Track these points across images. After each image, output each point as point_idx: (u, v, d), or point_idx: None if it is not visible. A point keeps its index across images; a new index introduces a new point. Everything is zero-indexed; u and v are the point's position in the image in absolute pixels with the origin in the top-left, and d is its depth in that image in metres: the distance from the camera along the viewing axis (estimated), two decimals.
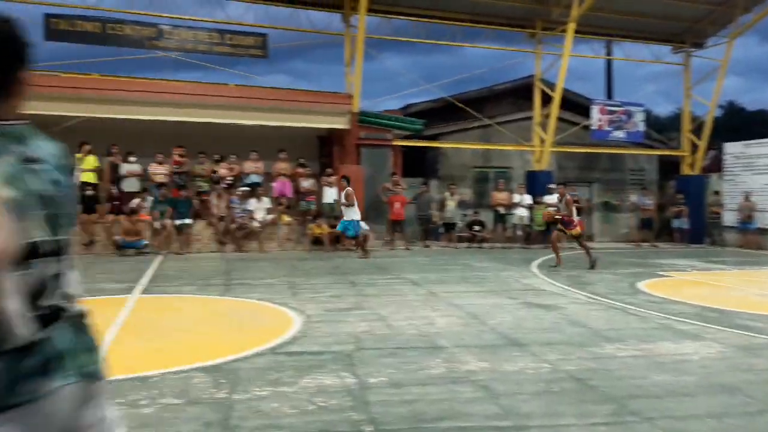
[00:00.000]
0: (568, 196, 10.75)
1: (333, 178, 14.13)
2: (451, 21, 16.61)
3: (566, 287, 8.32)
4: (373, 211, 14.74)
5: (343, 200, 11.94)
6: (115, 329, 5.38)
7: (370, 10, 15.01)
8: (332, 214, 13.85)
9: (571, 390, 3.87)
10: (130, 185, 12.80)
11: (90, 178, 12.18)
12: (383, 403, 3.56)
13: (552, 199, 15.61)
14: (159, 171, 13.20)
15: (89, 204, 11.97)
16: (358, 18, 14.92)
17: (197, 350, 4.79)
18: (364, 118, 15.17)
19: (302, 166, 14.72)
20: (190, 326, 5.76)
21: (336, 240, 13.61)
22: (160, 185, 12.86)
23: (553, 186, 15.59)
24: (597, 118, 17.88)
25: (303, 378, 4.02)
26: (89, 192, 12.05)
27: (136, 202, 12.25)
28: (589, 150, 18.36)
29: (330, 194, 13.96)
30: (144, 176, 13.07)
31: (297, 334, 5.27)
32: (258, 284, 8.25)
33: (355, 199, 11.91)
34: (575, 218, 10.57)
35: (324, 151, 16.91)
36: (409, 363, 4.41)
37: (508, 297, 7.40)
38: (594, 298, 7.43)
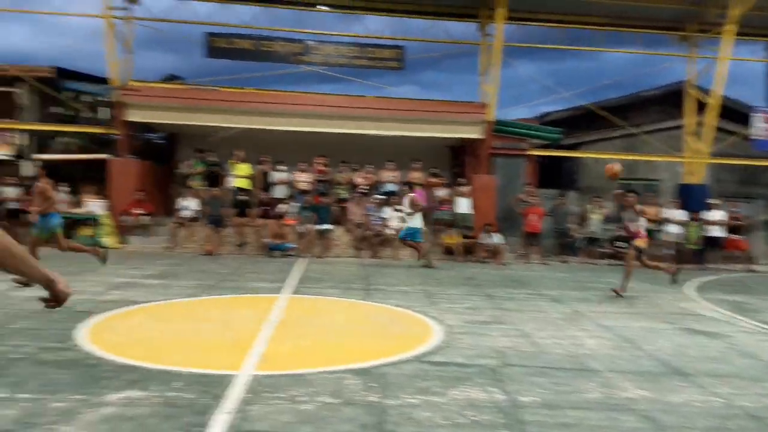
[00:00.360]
0: (634, 203, 8.92)
1: (466, 188, 14.08)
2: (593, 26, 15.86)
3: (731, 314, 7.54)
4: (506, 222, 14.45)
5: (407, 208, 11.82)
6: (270, 326, 5.74)
7: (509, 18, 14.79)
8: (464, 224, 13.81)
9: (751, 429, 3.47)
10: (279, 192, 13.71)
11: (243, 184, 13.21)
12: (539, 423, 3.43)
13: (712, 215, 14.27)
14: (302, 179, 13.99)
15: (242, 208, 12.98)
16: (495, 26, 14.78)
17: (346, 352, 4.97)
18: (499, 128, 14.94)
19: (435, 175, 14.83)
20: (337, 328, 5.99)
21: (468, 250, 13.52)
22: (304, 192, 13.61)
23: (715, 201, 14.29)
24: (761, 126, 16.11)
25: (451, 389, 4.00)
26: (242, 197, 13.06)
27: (282, 207, 13.08)
28: (751, 162, 16.58)
29: (463, 204, 13.92)
30: (290, 183, 13.93)
31: (440, 344, 5.26)
32: (395, 291, 8.40)
33: (418, 207, 11.81)
34: (642, 231, 8.99)
35: (456, 160, 16.92)
36: (561, 384, 4.22)
37: (663, 321, 6.86)
38: (766, 328, 6.65)
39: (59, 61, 16.78)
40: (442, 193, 14.25)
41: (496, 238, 13.40)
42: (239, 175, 13.32)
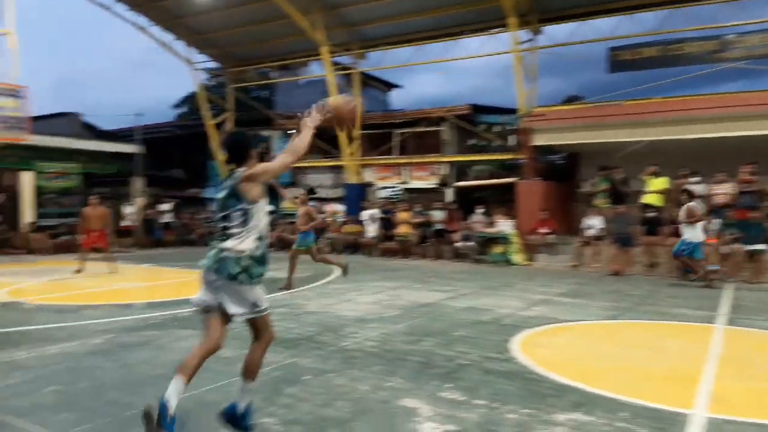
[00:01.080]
0: None
1: None
2: None
3: None
4: None
5: (682, 217, 10.26)
6: (713, 361, 5.04)
7: None
8: None
9: None
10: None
11: (653, 200, 12.25)
12: None
13: None
14: (720, 191, 12.16)
15: (651, 226, 12.05)
16: None
17: None
18: None
19: None
20: None
21: None
22: (725, 206, 11.81)
23: None
24: None
25: None
26: (651, 214, 12.13)
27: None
28: None
29: None
30: (707, 197, 12.28)
31: None
32: None
33: (695, 218, 10.11)
34: None
35: None
36: None
37: None
38: None
39: (471, 99, 18.97)
40: None
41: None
42: (651, 191, 12.38)
